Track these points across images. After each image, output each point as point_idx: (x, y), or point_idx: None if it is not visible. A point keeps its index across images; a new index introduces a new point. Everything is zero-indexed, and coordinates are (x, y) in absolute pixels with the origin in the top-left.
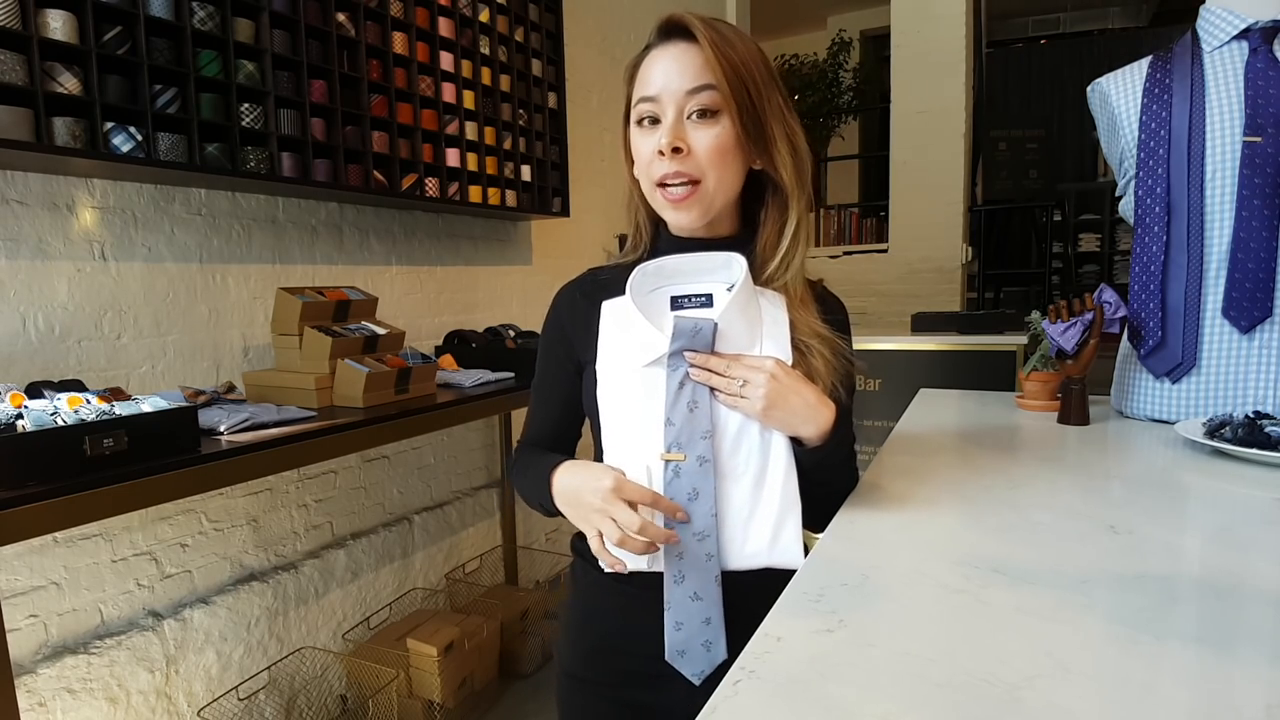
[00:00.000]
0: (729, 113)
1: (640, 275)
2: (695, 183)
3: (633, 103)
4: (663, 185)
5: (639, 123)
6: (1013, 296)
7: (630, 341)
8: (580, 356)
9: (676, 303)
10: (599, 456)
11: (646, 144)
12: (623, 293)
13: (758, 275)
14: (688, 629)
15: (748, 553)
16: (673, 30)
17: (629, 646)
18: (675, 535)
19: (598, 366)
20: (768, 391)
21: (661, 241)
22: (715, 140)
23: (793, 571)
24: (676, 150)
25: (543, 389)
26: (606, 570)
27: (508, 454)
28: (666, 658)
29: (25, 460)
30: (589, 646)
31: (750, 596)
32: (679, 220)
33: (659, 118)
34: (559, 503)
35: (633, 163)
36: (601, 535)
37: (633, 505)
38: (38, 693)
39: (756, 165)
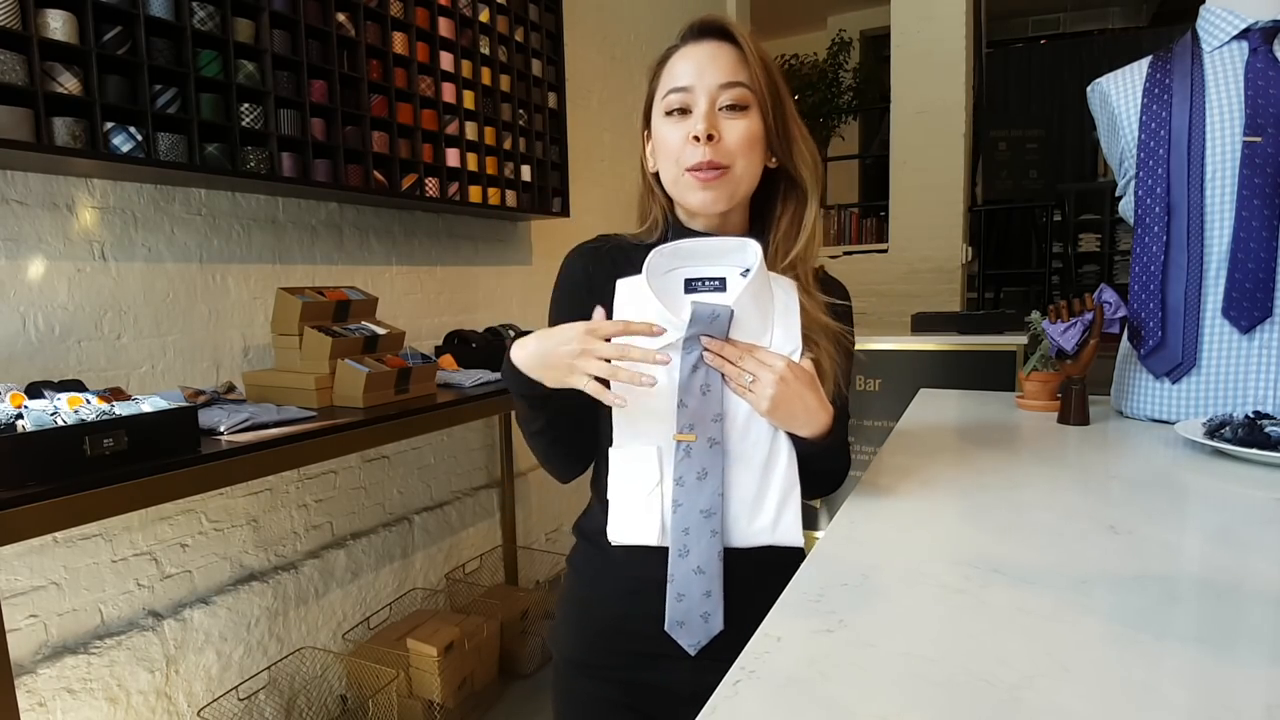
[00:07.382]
0: (758, 109)
1: (658, 257)
2: (724, 169)
3: (660, 95)
4: (692, 170)
5: (668, 113)
6: (1013, 296)
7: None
8: None
9: (690, 285)
10: (606, 437)
11: (676, 132)
12: (635, 271)
13: (771, 266)
14: (688, 601)
15: (753, 531)
16: (706, 30)
17: (632, 627)
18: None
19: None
20: (775, 393)
21: (673, 235)
22: (746, 131)
23: (788, 550)
24: (710, 137)
25: None
26: (612, 405)
27: (508, 454)
28: (665, 628)
29: (25, 460)
30: (593, 631)
31: (747, 572)
32: (704, 200)
33: (689, 108)
34: (531, 368)
35: (650, 160)
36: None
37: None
38: (38, 693)
39: (772, 164)
